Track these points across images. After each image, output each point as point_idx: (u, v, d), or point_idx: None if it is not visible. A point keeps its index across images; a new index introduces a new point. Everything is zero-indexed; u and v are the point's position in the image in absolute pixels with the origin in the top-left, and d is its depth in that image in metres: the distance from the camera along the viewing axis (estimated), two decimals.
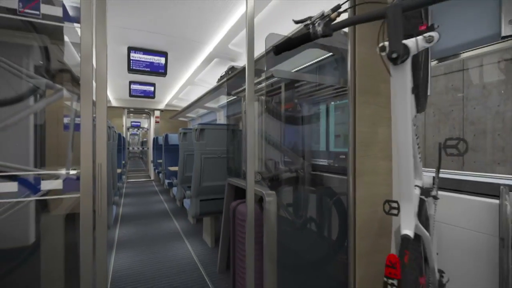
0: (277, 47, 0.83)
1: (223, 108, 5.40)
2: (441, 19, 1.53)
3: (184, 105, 6.23)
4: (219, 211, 2.33)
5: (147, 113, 9.03)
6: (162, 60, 3.79)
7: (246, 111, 1.49)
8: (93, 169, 1.05)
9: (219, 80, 3.69)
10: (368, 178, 1.49)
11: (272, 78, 1.83)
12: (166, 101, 7.37)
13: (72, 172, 1.24)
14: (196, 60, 3.99)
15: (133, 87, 5.42)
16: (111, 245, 2.93)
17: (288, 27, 1.44)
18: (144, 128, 13.44)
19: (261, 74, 1.91)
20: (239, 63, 3.63)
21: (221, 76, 3.65)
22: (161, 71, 3.86)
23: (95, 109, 1.06)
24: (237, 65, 3.55)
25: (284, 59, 1.96)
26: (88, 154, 1.04)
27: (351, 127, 1.47)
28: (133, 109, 8.40)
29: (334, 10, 0.75)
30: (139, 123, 13.17)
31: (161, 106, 7.88)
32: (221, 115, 5.59)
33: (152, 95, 5.73)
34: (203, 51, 3.63)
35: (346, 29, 1.47)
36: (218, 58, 3.63)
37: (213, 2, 2.37)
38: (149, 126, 9.25)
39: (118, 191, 5.29)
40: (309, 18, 0.77)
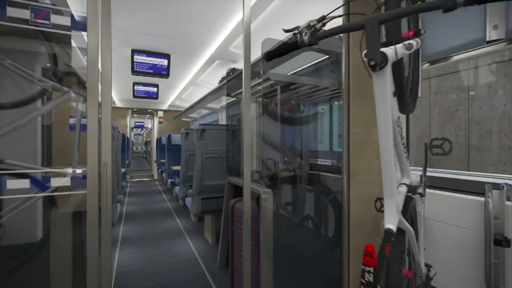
0: (268, 53, 0.90)
1: (224, 108, 5.46)
2: (432, 24, 1.58)
3: (187, 105, 6.30)
4: (219, 209, 2.39)
5: (151, 113, 9.11)
6: (165, 62, 3.86)
7: (243, 112, 1.55)
8: (98, 167, 1.12)
9: (220, 81, 3.75)
10: (362, 177, 1.55)
11: (269, 81, 1.89)
12: (169, 101, 7.43)
13: (78, 170, 1.32)
14: (198, 61, 4.05)
15: (137, 88, 5.49)
16: (115, 242, 3.01)
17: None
18: (148, 128, 13.56)
19: (259, 76, 1.97)
20: (240, 64, 3.68)
21: (222, 77, 3.71)
22: (164, 72, 3.93)
23: (100, 111, 1.13)
24: (238, 66, 3.61)
25: (282, 62, 2.02)
26: (94, 153, 1.12)
27: (345, 128, 1.52)
28: (137, 110, 8.47)
29: (319, 20, 0.81)
30: (142, 123, 13.28)
31: (164, 107, 7.94)
32: (223, 116, 5.65)
33: (155, 96, 5.80)
34: (204, 53, 3.70)
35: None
36: (219, 59, 3.69)
37: (214, 5, 2.44)
38: (153, 126, 9.33)
39: (122, 190, 5.39)
40: (297, 27, 0.83)
